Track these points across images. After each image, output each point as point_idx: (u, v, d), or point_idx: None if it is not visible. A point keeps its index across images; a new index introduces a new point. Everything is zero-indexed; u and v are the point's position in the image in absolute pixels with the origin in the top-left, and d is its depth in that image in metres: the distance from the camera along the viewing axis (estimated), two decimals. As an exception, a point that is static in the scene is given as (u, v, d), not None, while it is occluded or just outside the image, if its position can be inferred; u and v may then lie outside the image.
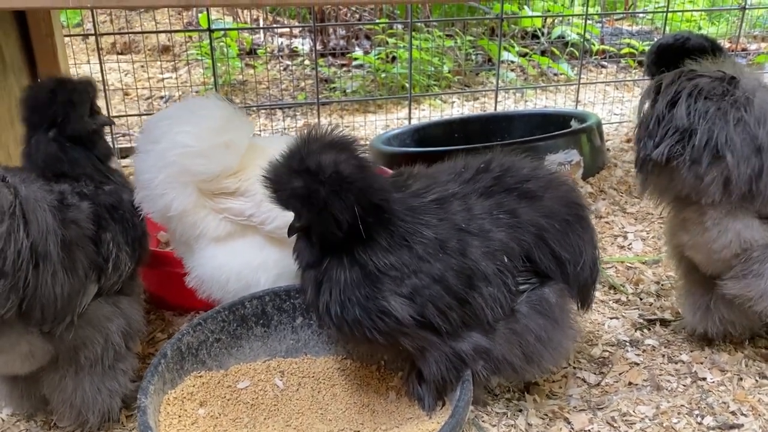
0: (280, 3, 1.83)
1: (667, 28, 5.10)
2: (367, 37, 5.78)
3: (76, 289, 1.50)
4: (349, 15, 5.77)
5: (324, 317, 1.55)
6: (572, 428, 1.70)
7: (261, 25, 5.78)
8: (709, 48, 4.28)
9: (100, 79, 3.52)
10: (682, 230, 1.87)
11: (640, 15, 6.61)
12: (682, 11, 5.73)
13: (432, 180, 1.66)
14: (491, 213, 1.61)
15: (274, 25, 5.80)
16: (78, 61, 4.73)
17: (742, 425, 1.68)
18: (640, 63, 5.84)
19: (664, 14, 4.99)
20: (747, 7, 4.91)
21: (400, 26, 5.55)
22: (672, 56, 4.32)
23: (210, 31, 3.36)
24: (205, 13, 4.15)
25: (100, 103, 1.94)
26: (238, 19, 5.77)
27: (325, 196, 1.43)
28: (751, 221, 1.75)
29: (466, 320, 1.56)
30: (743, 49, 5.92)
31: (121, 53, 5.51)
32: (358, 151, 1.53)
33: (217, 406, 1.68)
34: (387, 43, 5.37)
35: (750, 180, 1.67)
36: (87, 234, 1.57)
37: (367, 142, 3.59)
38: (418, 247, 1.51)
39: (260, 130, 4.34)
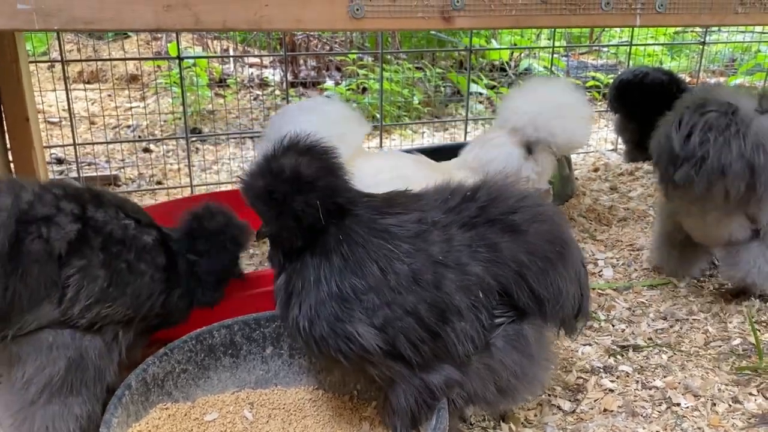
0: (251, 28, 1.84)
1: (631, 63, 5.24)
2: (338, 69, 5.82)
3: (18, 299, 1.45)
4: (319, 46, 5.81)
5: (293, 331, 1.52)
6: (549, 457, 1.68)
7: (231, 56, 5.79)
8: (667, 81, 4.45)
9: (66, 107, 3.46)
10: (685, 215, 2.41)
11: (605, 49, 6.79)
12: (645, 45, 5.90)
13: (415, 205, 1.62)
14: (470, 246, 1.55)
15: (245, 54, 5.81)
16: (43, 89, 4.67)
17: (718, 451, 1.68)
18: (605, 95, 5.97)
19: (628, 48, 5.13)
20: (706, 42, 5.08)
21: (370, 58, 5.60)
22: (633, 90, 4.49)
23: (179, 59, 3.34)
24: (175, 42, 4.13)
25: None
26: (208, 49, 5.76)
27: (285, 195, 1.45)
28: (743, 221, 2.26)
29: (437, 353, 1.51)
30: (703, 83, 6.10)
31: (88, 82, 5.45)
32: (325, 154, 1.53)
33: (184, 440, 1.61)
34: (357, 74, 5.40)
35: (745, 191, 2.11)
36: (54, 253, 1.50)
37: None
38: (392, 278, 1.47)
39: (229, 159, 4.30)
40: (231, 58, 5.76)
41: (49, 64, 5.51)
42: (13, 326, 1.48)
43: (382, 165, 2.18)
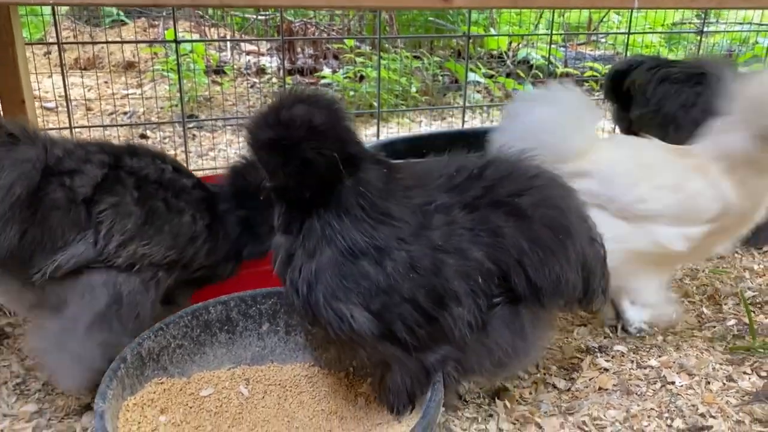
0: (250, 4, 1.83)
1: (628, 53, 5.24)
2: (335, 57, 5.81)
3: (38, 244, 1.53)
4: (317, 33, 5.79)
5: (290, 291, 1.50)
6: (543, 433, 1.68)
7: (229, 44, 5.77)
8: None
9: (62, 93, 3.44)
10: None
11: (602, 40, 6.78)
12: (643, 33, 5.90)
13: (419, 183, 1.56)
14: (472, 229, 1.51)
15: (242, 39, 5.79)
16: (40, 76, 4.66)
17: (711, 427, 1.68)
18: (602, 86, 5.97)
19: (626, 38, 5.12)
20: (704, 31, 5.08)
21: (368, 46, 5.59)
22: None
23: (176, 42, 3.32)
24: (172, 28, 4.12)
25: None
26: (206, 36, 5.74)
27: (295, 143, 1.39)
28: None
29: (434, 337, 1.49)
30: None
31: (85, 69, 5.43)
32: (333, 104, 1.48)
33: (179, 414, 1.61)
34: (355, 62, 5.39)
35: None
36: (77, 198, 1.58)
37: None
38: (389, 264, 1.43)
39: (226, 146, 4.30)
40: (228, 45, 5.75)
41: (46, 50, 5.50)
42: (38, 268, 1.55)
43: (620, 155, 2.17)
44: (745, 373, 1.90)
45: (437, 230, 1.48)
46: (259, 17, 5.73)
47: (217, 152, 4.22)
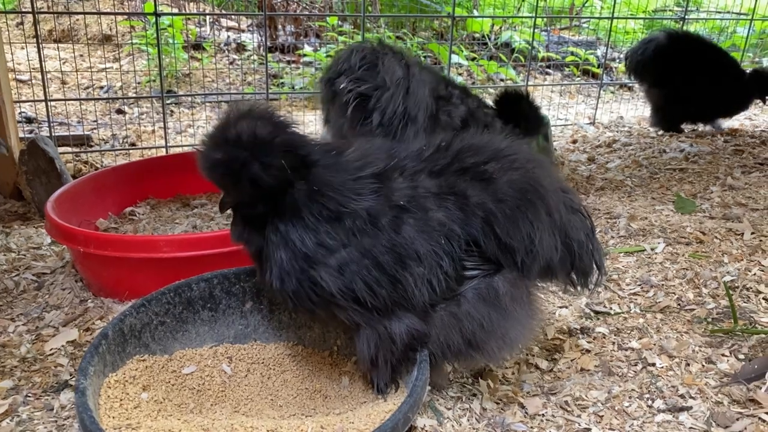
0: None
1: (611, 39, 5.25)
2: (317, 35, 5.73)
3: None
4: (298, 11, 5.71)
5: (271, 290, 1.54)
6: (526, 412, 1.69)
7: (208, 19, 5.66)
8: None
9: (36, 66, 3.35)
10: None
11: (584, 25, 6.79)
12: (626, 18, 5.92)
13: (382, 153, 1.59)
14: (437, 193, 1.53)
15: (224, 14, 5.69)
16: (12, 47, 4.52)
17: (691, 407, 1.70)
18: (584, 71, 5.99)
19: (609, 24, 5.14)
20: (685, 18, 5.10)
21: (350, 25, 5.52)
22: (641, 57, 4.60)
23: (156, 15, 3.25)
24: (149, 1, 4.02)
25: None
26: (183, 10, 5.63)
27: (246, 160, 1.40)
28: None
29: (396, 299, 1.49)
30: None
31: (59, 41, 5.29)
32: (276, 116, 1.49)
33: (161, 391, 1.59)
34: (337, 40, 5.33)
35: None
36: (454, 126, 2.37)
37: (317, 137, 3.53)
38: (347, 221, 1.46)
39: (205, 122, 4.23)
40: (207, 21, 5.64)
41: (19, 21, 5.35)
42: None
43: None
44: (723, 355, 1.93)
45: (399, 191, 1.50)
46: (240, -7, 5.63)
47: (195, 129, 4.15)
